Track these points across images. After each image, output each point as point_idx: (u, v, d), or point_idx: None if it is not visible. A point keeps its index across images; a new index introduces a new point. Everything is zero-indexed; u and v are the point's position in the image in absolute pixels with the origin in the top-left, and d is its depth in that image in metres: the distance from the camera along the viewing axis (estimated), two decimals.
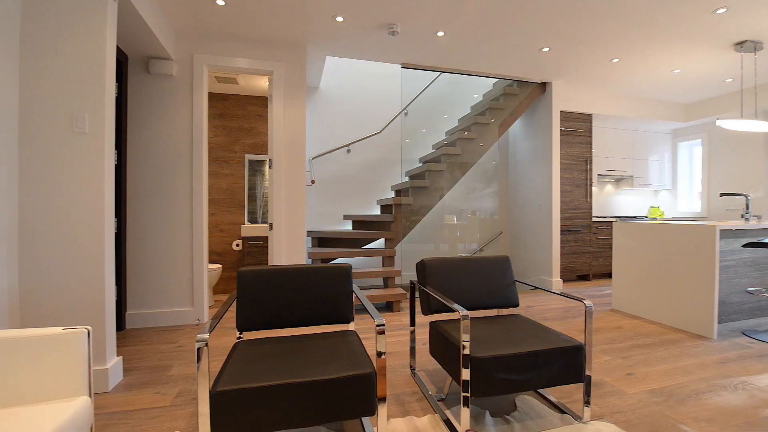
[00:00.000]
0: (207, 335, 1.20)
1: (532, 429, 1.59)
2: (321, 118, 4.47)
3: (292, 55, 3.35)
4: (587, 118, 4.83)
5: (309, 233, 3.82)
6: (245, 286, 1.73)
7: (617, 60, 3.84)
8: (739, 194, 3.44)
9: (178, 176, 3.08)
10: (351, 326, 1.90)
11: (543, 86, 4.53)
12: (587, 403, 1.64)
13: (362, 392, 1.31)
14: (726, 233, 2.96)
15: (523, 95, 4.46)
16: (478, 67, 4.00)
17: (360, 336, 2.77)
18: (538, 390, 1.93)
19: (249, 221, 4.38)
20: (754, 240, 3.05)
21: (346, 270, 1.84)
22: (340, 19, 2.94)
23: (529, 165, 4.85)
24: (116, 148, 2.87)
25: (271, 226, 3.25)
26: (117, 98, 2.88)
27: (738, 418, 1.69)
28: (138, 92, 3.01)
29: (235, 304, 2.28)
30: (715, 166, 5.37)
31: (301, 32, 3.15)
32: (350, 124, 4.58)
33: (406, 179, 4.69)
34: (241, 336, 1.77)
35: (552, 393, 1.93)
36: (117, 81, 2.88)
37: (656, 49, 3.58)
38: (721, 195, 3.48)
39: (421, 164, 4.66)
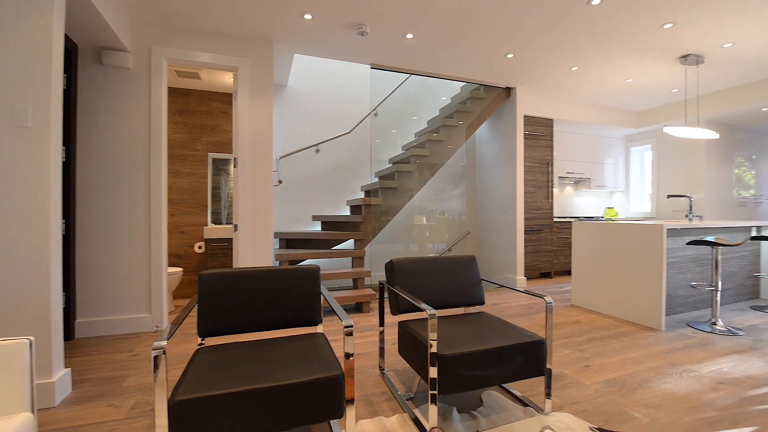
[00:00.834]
0: (164, 342, 1.14)
1: (496, 423, 1.64)
2: (289, 117, 4.39)
3: (258, 51, 3.26)
4: (549, 123, 5.05)
5: (276, 234, 3.74)
6: (207, 289, 1.66)
7: (576, 68, 4.05)
8: (683, 196, 3.72)
9: (135, 174, 2.91)
10: (319, 329, 1.87)
11: (508, 91, 4.69)
12: (548, 395, 1.71)
13: (330, 395, 1.30)
14: (672, 232, 3.19)
15: (489, 99, 4.60)
16: (446, 70, 4.08)
17: (329, 338, 2.75)
18: (503, 385, 1.99)
19: (212, 222, 4.22)
20: (697, 238, 3.31)
21: (314, 271, 1.81)
22: (308, 16, 2.90)
23: (495, 167, 5.01)
24: (64, 144, 2.67)
25: (235, 227, 3.15)
26: (65, 90, 2.68)
27: (683, 403, 1.82)
28: (90, 84, 2.82)
29: (196, 308, 2.17)
30: (663, 170, 5.78)
31: (268, 28, 3.08)
32: (319, 123, 4.52)
33: (376, 180, 4.70)
34: (203, 342, 1.70)
35: (516, 387, 1.99)
36: (65, 72, 2.68)
37: (611, 60, 3.80)
38: (668, 197, 3.76)
39: (390, 165, 4.68)
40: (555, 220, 5.16)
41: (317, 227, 4.52)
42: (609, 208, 6.11)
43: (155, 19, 2.90)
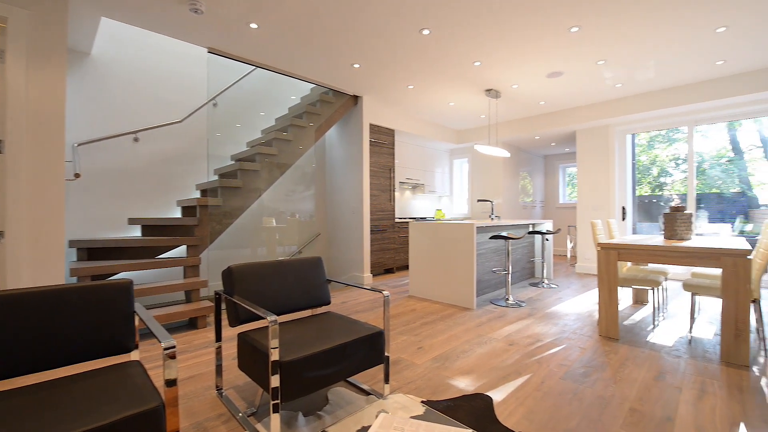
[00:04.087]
0: None
1: (341, 417, 1.68)
2: (94, 94, 3.50)
3: (42, 2, 2.48)
4: (391, 133, 5.56)
5: (73, 243, 2.92)
6: None
7: (412, 87, 4.57)
8: (487, 200, 4.67)
9: None
10: (134, 355, 1.54)
11: (355, 99, 4.94)
12: (387, 380, 1.86)
13: None
14: (480, 229, 3.95)
15: (337, 104, 4.74)
16: (294, 69, 3.99)
17: (152, 364, 2.31)
18: (348, 379, 2.06)
19: None
20: (496, 233, 4.19)
21: (123, 287, 1.48)
22: None
23: (344, 170, 5.20)
24: None
25: (1, 234, 2.31)
26: None
27: (487, 365, 2.26)
28: None
29: None
30: (476, 179, 7.13)
31: None
32: (139, 106, 3.76)
33: (215, 178, 4.23)
34: None
35: (360, 378, 2.09)
36: None
37: (437, 84, 4.45)
38: (478, 201, 4.65)
39: (233, 162, 4.29)
40: (397, 220, 5.72)
41: (136, 232, 3.75)
42: (438, 209, 7.15)
43: None
